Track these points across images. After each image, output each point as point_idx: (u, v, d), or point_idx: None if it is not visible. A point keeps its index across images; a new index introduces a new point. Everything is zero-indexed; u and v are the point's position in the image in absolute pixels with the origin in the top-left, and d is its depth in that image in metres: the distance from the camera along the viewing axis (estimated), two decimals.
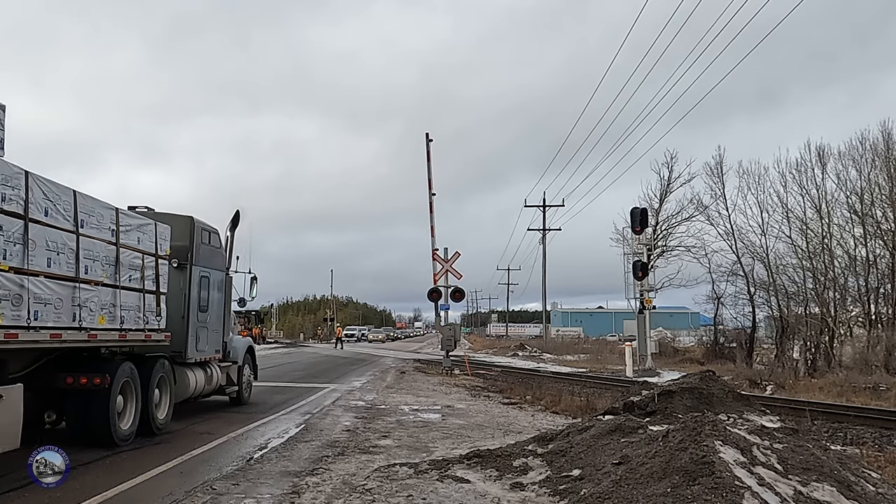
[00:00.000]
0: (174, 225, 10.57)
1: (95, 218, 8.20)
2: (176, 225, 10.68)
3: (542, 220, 57.11)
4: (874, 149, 26.41)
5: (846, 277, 27.78)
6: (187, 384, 10.97)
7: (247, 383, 13.76)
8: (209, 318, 11.85)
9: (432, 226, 25.30)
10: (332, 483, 6.81)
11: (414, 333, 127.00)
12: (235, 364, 13.15)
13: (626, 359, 26.53)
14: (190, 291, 11.10)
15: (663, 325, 54.33)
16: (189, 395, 11.21)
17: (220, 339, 12.53)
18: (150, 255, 9.58)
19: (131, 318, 9.05)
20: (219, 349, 12.44)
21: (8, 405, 6.45)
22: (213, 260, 12.09)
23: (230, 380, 12.94)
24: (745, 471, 5.20)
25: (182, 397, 10.90)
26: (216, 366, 12.26)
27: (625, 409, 8.17)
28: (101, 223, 8.35)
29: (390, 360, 32.74)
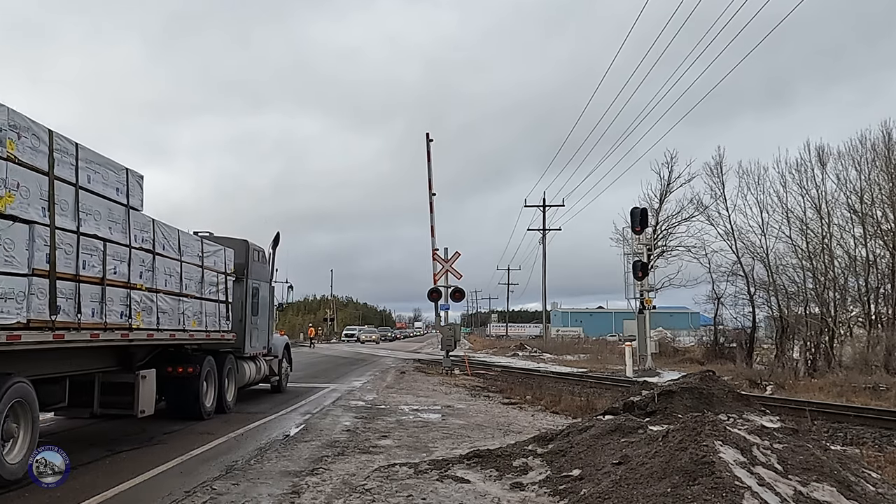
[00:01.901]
0: (234, 247, 13.09)
1: (190, 248, 10.79)
2: (235, 247, 13.20)
3: (542, 220, 57.19)
4: (874, 149, 26.42)
5: (846, 277, 27.78)
6: (245, 374, 13.59)
7: (284, 374, 16.43)
8: (259, 321, 14.35)
9: (432, 226, 25.32)
10: (332, 483, 6.82)
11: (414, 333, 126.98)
12: (276, 358, 15.77)
13: (626, 359, 26.52)
14: (246, 300, 13.59)
15: (663, 325, 54.32)
16: (245, 383, 13.82)
17: (267, 338, 15.12)
18: (221, 273, 12.19)
19: (211, 323, 11.61)
20: (265, 346, 15.03)
21: (148, 382, 9.55)
22: (261, 273, 14.68)
23: (272, 371, 15.48)
24: (745, 471, 5.20)
25: (240, 384, 13.43)
26: (263, 359, 14.85)
27: (625, 409, 8.17)
28: (193, 252, 10.92)
29: (390, 361, 32.74)
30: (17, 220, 6.42)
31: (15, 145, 6.44)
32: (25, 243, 6.54)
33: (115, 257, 8.23)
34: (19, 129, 6.54)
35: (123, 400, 9.23)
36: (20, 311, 6.45)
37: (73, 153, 7.46)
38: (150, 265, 9.20)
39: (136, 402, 9.21)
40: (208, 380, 11.51)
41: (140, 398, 9.25)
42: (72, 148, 7.43)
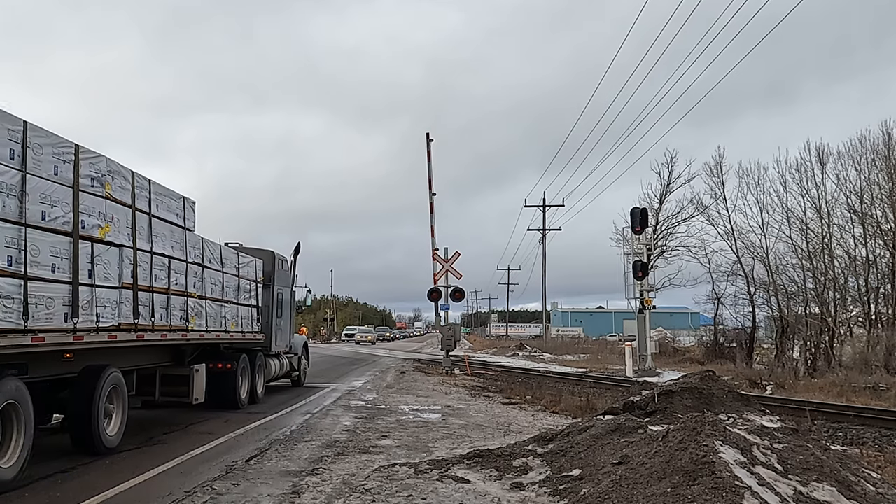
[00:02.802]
0: (262, 257, 14.65)
1: (229, 261, 12.41)
2: (264, 257, 14.75)
3: (542, 220, 57.17)
4: (874, 149, 26.40)
5: (846, 277, 27.77)
6: (271, 369, 15.32)
7: (303, 370, 18.20)
8: (282, 322, 15.92)
9: (432, 226, 25.33)
10: (332, 483, 6.82)
11: (414, 333, 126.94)
12: (297, 355, 17.49)
13: (626, 359, 26.51)
14: (272, 303, 15.09)
15: (663, 325, 54.30)
16: (271, 377, 15.54)
17: (289, 337, 16.72)
18: (253, 281, 13.75)
19: (246, 324, 13.21)
20: (288, 344, 16.65)
21: (200, 375, 11.25)
22: (285, 279, 16.26)
23: (293, 367, 17.21)
24: (745, 471, 5.20)
25: (268, 378, 15.15)
26: (286, 357, 16.62)
27: (625, 409, 8.17)
28: (231, 263, 12.54)
29: (390, 361, 32.74)
30: (112, 245, 8.11)
31: (111, 186, 8.15)
32: (117, 263, 8.23)
33: (176, 271, 9.92)
34: (113, 173, 8.20)
35: (180, 390, 10.94)
36: (114, 316, 8.14)
37: (147, 188, 9.09)
38: (200, 276, 10.89)
39: (191, 392, 10.93)
40: (243, 374, 13.11)
41: (194, 388, 10.99)
42: (146, 183, 9.06)
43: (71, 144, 7.44)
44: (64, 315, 7.15)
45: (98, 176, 7.86)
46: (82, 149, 7.58)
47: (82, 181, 7.53)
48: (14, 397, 6.64)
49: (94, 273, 7.67)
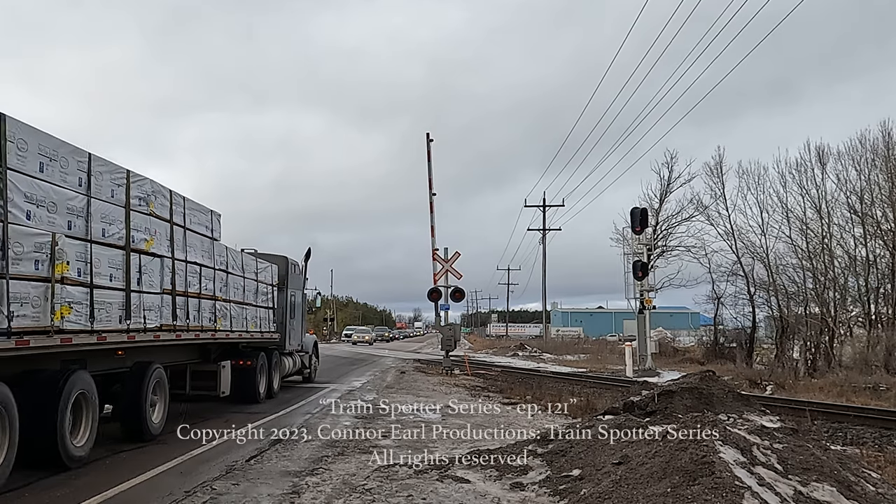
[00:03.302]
0: (277, 263, 15.79)
1: (248, 266, 13.51)
2: (278, 262, 15.91)
3: (542, 220, 57.16)
4: (874, 149, 26.40)
5: (846, 277, 27.78)
6: (285, 366, 16.49)
7: (313, 367, 19.44)
8: (295, 323, 17.00)
9: (432, 226, 25.30)
10: (332, 483, 6.82)
11: (414, 333, 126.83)
12: (307, 354, 18.73)
13: (626, 359, 26.51)
14: (286, 305, 16.15)
15: (663, 325, 54.26)
16: (285, 374, 16.70)
17: (300, 337, 17.87)
18: (269, 284, 14.94)
19: (263, 325, 14.34)
20: (299, 343, 17.76)
21: (226, 371, 12.35)
22: (297, 283, 17.35)
23: (304, 364, 18.39)
24: (745, 471, 5.20)
25: (283, 375, 16.28)
26: (297, 355, 17.72)
27: (625, 409, 8.16)
28: (251, 269, 13.61)
29: (390, 361, 32.74)
30: (155, 256, 9.27)
31: (154, 204, 9.33)
32: (158, 271, 9.36)
33: (205, 277, 11.07)
34: (155, 193, 9.41)
35: (208, 384, 12.03)
36: (157, 317, 9.28)
37: (182, 204, 10.31)
38: (225, 281, 12.02)
39: (219, 386, 12.05)
40: (261, 371, 14.16)
41: (221, 382, 12.12)
42: (181, 200, 10.27)
43: (123, 170, 8.64)
44: (119, 317, 8.31)
45: (144, 196, 9.10)
46: (132, 173, 8.82)
47: (132, 201, 8.74)
48: (85, 388, 7.79)
49: (141, 281, 8.84)
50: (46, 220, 7.02)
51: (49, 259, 6.88)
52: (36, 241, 6.76)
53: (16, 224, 6.50)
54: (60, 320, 7.03)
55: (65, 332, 7.13)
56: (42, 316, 6.80)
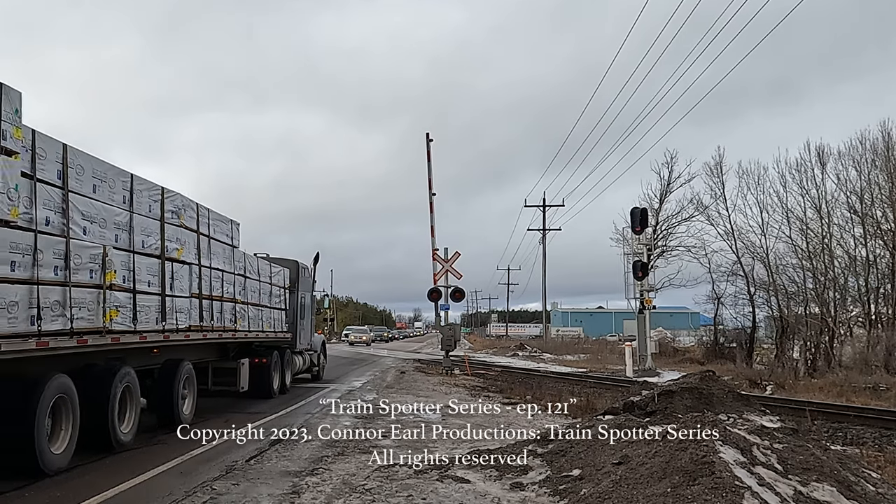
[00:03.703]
0: (289, 266, 16.82)
1: (264, 271, 14.56)
2: (290, 266, 16.93)
3: (542, 220, 57.14)
4: (874, 149, 26.39)
5: (846, 277, 27.77)
6: (296, 364, 17.43)
7: (322, 365, 20.57)
8: (305, 323, 18.01)
9: (432, 226, 25.31)
10: (332, 483, 6.82)
11: (414, 333, 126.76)
12: (316, 352, 19.75)
13: (626, 359, 26.50)
14: (296, 307, 17.07)
15: (663, 325, 54.25)
16: (296, 371, 17.62)
17: (309, 336, 18.84)
18: (282, 287, 16.06)
19: (277, 325, 15.46)
20: (309, 343, 18.76)
21: (245, 367, 13.41)
22: (306, 285, 18.31)
23: (313, 363, 19.46)
24: (745, 471, 5.20)
25: (294, 372, 17.17)
26: (307, 353, 18.69)
27: (625, 409, 8.16)
28: (265, 273, 14.66)
29: (390, 361, 32.74)
30: (184, 263, 10.31)
31: (183, 217, 10.40)
32: (188, 277, 10.40)
33: (226, 282, 12.09)
34: (185, 207, 10.48)
35: (229, 380, 13.09)
36: (187, 319, 10.32)
37: (207, 215, 11.38)
38: (243, 285, 13.04)
39: (238, 381, 13.13)
40: (275, 368, 15.12)
41: (241, 378, 13.17)
42: (206, 212, 11.34)
43: (158, 187, 9.67)
44: (155, 319, 9.31)
45: (175, 210, 10.14)
46: (165, 189, 9.89)
47: (166, 215, 9.76)
48: (130, 382, 8.82)
49: (173, 286, 9.82)
50: (98, 234, 8.03)
51: (101, 268, 7.90)
52: (90, 253, 7.78)
53: (75, 239, 7.47)
54: (110, 322, 8.07)
55: (113, 332, 8.19)
56: (95, 318, 7.80)
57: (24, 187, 6.67)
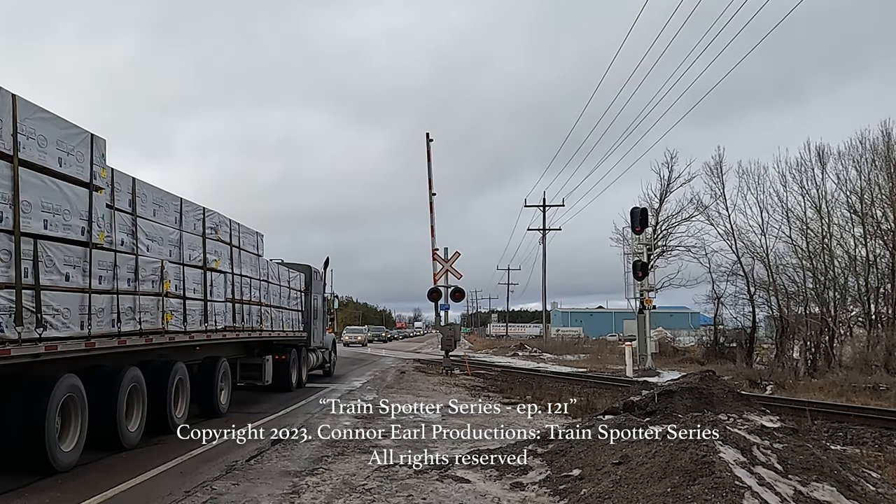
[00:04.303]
0: (303, 271, 18.35)
1: (283, 276, 16.18)
2: (304, 271, 18.46)
3: (542, 220, 57.12)
4: (874, 149, 26.36)
5: (846, 277, 27.73)
6: (310, 361, 19.13)
7: (332, 362, 22.28)
8: (318, 323, 19.58)
9: (432, 226, 25.30)
10: (332, 483, 6.82)
11: (413, 333, 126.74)
12: (327, 350, 21.43)
13: (626, 359, 26.50)
14: (310, 308, 18.61)
15: (663, 325, 54.25)
16: (311, 367, 19.27)
17: (322, 335, 20.36)
18: (298, 290, 17.58)
19: (294, 325, 16.94)
20: (321, 341, 20.31)
21: (269, 363, 15.01)
22: (318, 288, 19.89)
23: (324, 360, 21.08)
24: (745, 470, 5.20)
25: (309, 368, 18.92)
26: (319, 351, 20.19)
27: (625, 409, 8.16)
28: (284, 278, 16.25)
29: (390, 361, 32.74)
30: (221, 272, 11.80)
31: (220, 232, 11.93)
32: (223, 284, 11.87)
33: (253, 287, 13.52)
34: (221, 223, 11.98)
35: (254, 374, 14.59)
36: (223, 321, 11.76)
37: (238, 229, 12.86)
38: (266, 290, 14.44)
39: (264, 376, 14.69)
40: (293, 364, 16.74)
41: (266, 373, 14.77)
42: (237, 227, 12.84)
43: (201, 208, 11.22)
44: (199, 321, 10.67)
45: (213, 226, 11.64)
46: (206, 209, 11.41)
47: (206, 231, 11.29)
48: (182, 374, 10.31)
49: (212, 292, 11.24)
50: (157, 250, 9.52)
51: (159, 279, 9.31)
52: (152, 267, 9.21)
53: (142, 255, 8.99)
54: (166, 324, 9.46)
55: (169, 332, 9.60)
56: (156, 321, 9.18)
57: (106, 216, 8.17)
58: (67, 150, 7.36)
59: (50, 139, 7.06)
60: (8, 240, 6.35)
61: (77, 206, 7.45)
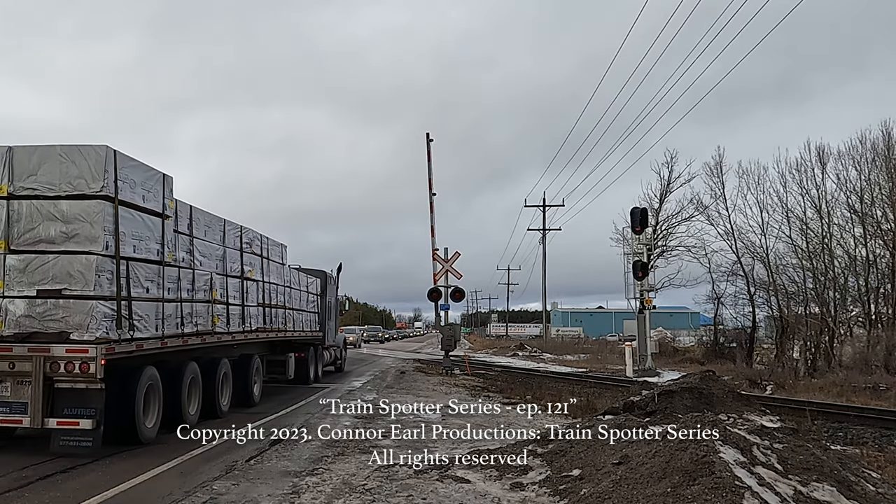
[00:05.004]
0: (319, 276, 20.29)
1: (302, 281, 17.85)
2: (320, 276, 20.49)
3: (542, 220, 57.12)
4: (874, 148, 26.34)
5: (846, 277, 27.72)
6: (325, 358, 20.93)
7: (343, 359, 24.73)
8: (331, 324, 21.75)
9: (432, 226, 25.29)
10: (332, 483, 6.82)
11: (413, 333, 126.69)
12: (339, 348, 23.77)
13: (626, 359, 26.49)
14: (325, 310, 20.48)
15: (663, 325, 54.22)
16: (325, 363, 21.07)
17: (335, 335, 22.75)
18: (315, 294, 19.32)
19: (312, 326, 18.52)
20: (333, 340, 22.41)
21: (291, 360, 17.20)
22: (332, 291, 22.08)
23: (336, 357, 23.23)
24: (745, 471, 5.20)
25: (323, 364, 20.67)
26: (332, 349, 22.29)
27: (625, 409, 8.16)
28: (303, 283, 17.92)
29: (390, 361, 32.74)
30: (254, 280, 13.36)
31: (254, 246, 13.53)
32: (256, 291, 13.49)
33: (279, 293, 15.10)
34: (254, 238, 13.55)
35: (279, 370, 16.70)
36: (257, 322, 13.38)
37: (267, 243, 14.40)
38: (289, 294, 15.96)
39: (287, 371, 17.02)
40: (311, 361, 18.61)
41: (289, 369, 17.09)
42: (266, 240, 14.39)
43: (238, 225, 12.75)
44: (238, 323, 12.29)
45: (248, 241, 13.20)
46: (243, 227, 12.96)
47: (243, 246, 12.90)
48: (226, 369, 12.14)
49: (248, 298, 12.85)
50: (207, 265, 11.15)
51: (209, 289, 11.00)
52: (204, 279, 10.85)
53: (197, 270, 10.64)
54: (214, 326, 11.12)
55: (217, 333, 11.29)
56: (207, 324, 10.84)
57: (172, 238, 9.84)
58: (148, 188, 9.11)
59: (137, 181, 8.84)
60: (111, 263, 8.23)
61: (154, 232, 9.24)
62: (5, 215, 8.13)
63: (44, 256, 8.01)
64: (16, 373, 7.91)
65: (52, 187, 8.10)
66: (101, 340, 7.89)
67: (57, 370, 7.84)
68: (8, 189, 8.17)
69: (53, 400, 7.95)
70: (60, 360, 7.82)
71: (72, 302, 7.89)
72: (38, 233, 8.11)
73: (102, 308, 7.98)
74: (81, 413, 7.91)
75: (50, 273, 7.95)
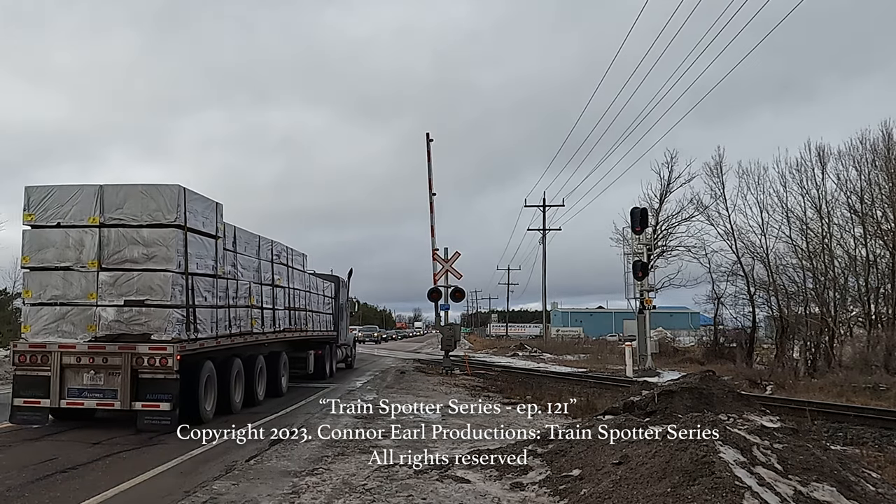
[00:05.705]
0: (333, 281, 22.21)
1: (320, 286, 19.91)
2: (334, 281, 22.35)
3: (542, 220, 57.08)
4: (874, 149, 26.33)
5: (846, 277, 27.70)
6: (338, 355, 22.77)
7: (354, 356, 26.77)
8: (343, 324, 23.75)
9: (432, 226, 25.30)
10: (332, 483, 6.81)
11: (413, 333, 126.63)
12: (349, 346, 25.74)
13: (626, 359, 26.48)
14: (338, 311, 22.46)
15: (663, 325, 54.22)
16: (338, 360, 23.05)
17: (346, 334, 24.76)
18: (330, 297, 21.30)
19: (327, 326, 20.52)
20: (345, 338, 24.42)
21: (311, 356, 19.11)
22: (344, 294, 23.93)
23: (347, 355, 25.03)
24: (745, 471, 5.20)
25: (337, 361, 22.63)
26: (344, 347, 24.14)
27: (625, 409, 8.16)
28: (320, 288, 19.90)
29: (390, 361, 32.74)
30: (281, 287, 15.14)
31: (281, 257, 15.34)
32: (283, 296, 15.28)
33: (301, 297, 17.10)
34: (281, 250, 15.43)
35: (301, 365, 18.37)
36: (284, 324, 15.26)
37: (291, 254, 16.19)
38: (309, 298, 17.96)
39: (308, 366, 18.80)
40: (327, 358, 20.56)
41: (309, 364, 18.88)
42: (291, 251, 16.19)
43: (269, 240, 14.51)
44: (269, 324, 14.19)
45: (277, 253, 15.03)
46: (274, 241, 14.86)
47: (273, 258, 14.70)
48: (262, 364, 13.78)
49: (276, 302, 14.61)
50: (246, 276, 12.92)
51: (248, 296, 12.86)
52: (244, 288, 12.75)
53: (239, 280, 12.55)
54: (252, 328, 12.94)
55: (254, 334, 13.12)
56: (246, 326, 12.72)
57: (221, 255, 11.65)
58: (206, 216, 11.02)
59: (199, 211, 10.77)
60: (182, 278, 10.15)
61: (210, 251, 11.20)
62: (98, 241, 10.01)
63: (129, 273, 9.93)
64: (108, 366, 9.85)
65: (135, 218, 9.98)
66: (175, 340, 9.84)
67: (141, 364, 9.78)
68: (100, 220, 10.03)
69: (138, 388, 9.79)
70: (144, 355, 9.76)
71: (153, 310, 9.85)
72: (124, 254, 9.98)
73: (176, 314, 9.93)
74: (161, 398, 9.76)
75: (134, 286, 9.89)
